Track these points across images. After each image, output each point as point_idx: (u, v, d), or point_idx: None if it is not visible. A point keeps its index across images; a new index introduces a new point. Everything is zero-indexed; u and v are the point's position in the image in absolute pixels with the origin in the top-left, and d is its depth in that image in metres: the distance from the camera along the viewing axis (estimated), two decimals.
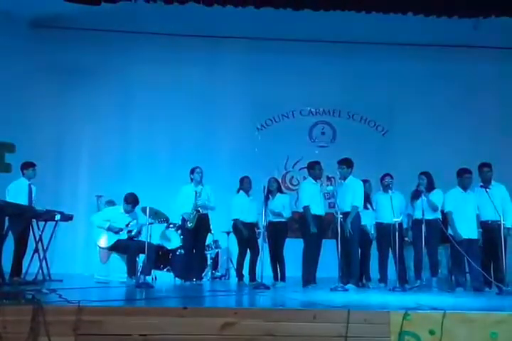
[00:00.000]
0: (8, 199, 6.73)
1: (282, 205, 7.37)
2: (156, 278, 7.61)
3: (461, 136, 9.62)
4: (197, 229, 7.23)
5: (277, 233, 7.23)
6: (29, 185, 7.16)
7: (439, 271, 7.48)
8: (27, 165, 7.20)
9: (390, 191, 7.16)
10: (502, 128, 9.72)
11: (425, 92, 9.85)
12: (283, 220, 7.35)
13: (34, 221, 7.00)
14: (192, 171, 7.38)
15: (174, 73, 9.72)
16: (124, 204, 7.34)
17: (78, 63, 9.50)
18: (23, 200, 6.95)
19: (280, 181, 8.15)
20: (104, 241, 7.29)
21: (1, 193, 6.79)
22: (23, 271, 6.87)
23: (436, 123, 9.79)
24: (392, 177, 7.30)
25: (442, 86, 9.86)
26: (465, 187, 6.84)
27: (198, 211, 7.22)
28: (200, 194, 7.23)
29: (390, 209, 6.86)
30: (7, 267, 6.40)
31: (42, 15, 9.13)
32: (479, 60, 9.69)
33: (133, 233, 7.31)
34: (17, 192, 7.00)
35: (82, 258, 8.97)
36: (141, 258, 7.21)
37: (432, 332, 3.90)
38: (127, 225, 7.32)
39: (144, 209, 7.00)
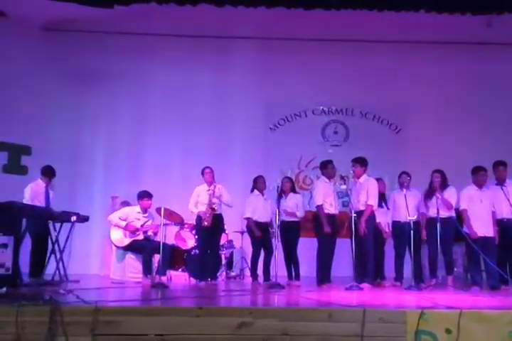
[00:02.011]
0: (25, 201, 6.81)
1: (295, 205, 7.37)
2: (171, 278, 7.65)
3: (475, 134, 9.54)
4: (211, 229, 7.25)
5: (290, 232, 7.23)
6: (46, 187, 7.22)
7: (455, 269, 7.44)
8: (48, 173, 7.24)
9: (404, 189, 7.13)
10: None
11: (438, 90, 9.79)
12: (296, 220, 7.35)
13: (50, 222, 7.07)
14: (202, 172, 7.42)
15: (187, 74, 9.76)
16: (139, 201, 7.41)
17: (92, 66, 9.56)
18: (40, 202, 7.03)
19: (293, 181, 8.15)
20: (120, 240, 7.36)
21: (17, 195, 6.85)
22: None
23: (449, 121, 9.73)
24: (408, 175, 7.27)
25: (455, 83, 9.79)
26: (480, 185, 6.79)
27: (213, 209, 7.23)
28: (212, 192, 7.26)
29: (409, 207, 6.83)
30: (25, 268, 6.47)
31: (56, 18, 9.21)
32: (492, 57, 9.61)
33: (149, 233, 7.38)
34: (34, 194, 7.06)
35: (98, 258, 9.04)
36: (156, 259, 7.26)
37: (448, 331, 3.88)
38: (142, 225, 7.38)
39: (158, 210, 7.05)
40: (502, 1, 7.61)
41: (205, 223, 7.17)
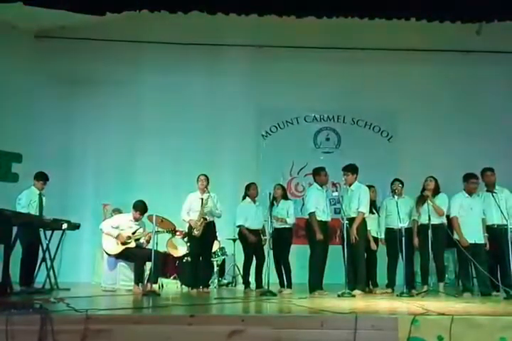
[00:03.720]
0: (19, 209, 6.76)
1: (286, 212, 7.37)
2: (162, 285, 7.62)
3: (466, 141, 9.62)
4: (203, 237, 7.24)
5: (282, 240, 7.21)
6: (39, 194, 7.18)
7: (446, 276, 7.45)
8: (40, 177, 7.20)
9: (395, 196, 7.15)
10: (507, 132, 9.71)
11: (429, 97, 9.87)
12: (287, 227, 7.35)
13: (41, 230, 7.03)
14: (197, 179, 7.41)
15: (178, 81, 9.78)
16: (133, 212, 7.37)
17: (83, 73, 9.58)
18: (33, 210, 6.97)
19: (285, 188, 8.15)
20: (112, 248, 7.31)
21: (7, 203, 6.79)
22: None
23: (440, 128, 9.80)
24: (401, 183, 7.30)
25: (446, 91, 9.88)
26: (470, 192, 6.83)
27: (205, 218, 7.23)
28: (206, 201, 7.25)
29: (401, 214, 6.85)
30: (15, 276, 6.42)
31: (48, 26, 9.22)
32: (482, 65, 9.71)
33: (141, 241, 7.34)
34: (28, 201, 7.01)
35: (89, 266, 8.99)
36: (147, 266, 7.22)
37: (440, 338, 3.88)
38: (133, 233, 7.34)
39: (150, 218, 7.03)
40: (491, 9, 7.68)
41: (196, 232, 7.17)
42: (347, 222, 6.63)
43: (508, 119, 9.75)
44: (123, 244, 7.25)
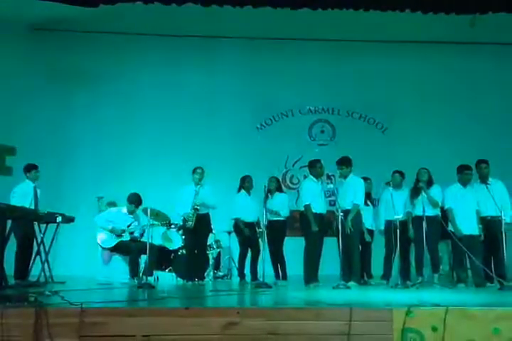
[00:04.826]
0: (13, 202, 6.72)
1: (281, 204, 7.38)
2: (158, 278, 7.62)
3: (460, 132, 9.65)
4: (198, 229, 7.24)
5: (276, 232, 7.24)
6: (34, 187, 7.15)
7: (441, 267, 7.48)
8: (29, 168, 7.18)
9: (395, 188, 7.15)
10: (500, 124, 9.74)
11: (423, 89, 9.88)
12: (281, 219, 7.37)
13: (35, 223, 7.00)
14: (193, 171, 7.40)
15: (173, 74, 9.75)
16: (128, 205, 7.35)
17: (79, 65, 9.55)
18: (28, 203, 6.94)
19: (280, 180, 8.15)
20: (106, 241, 7.31)
21: (2, 196, 6.76)
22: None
23: (435, 120, 9.83)
24: (401, 175, 7.30)
25: (440, 82, 9.90)
26: (464, 184, 6.86)
27: (197, 209, 7.22)
28: (197, 193, 7.23)
29: (396, 206, 6.86)
30: (10, 270, 6.40)
31: (43, 18, 9.16)
32: (476, 56, 9.72)
33: (135, 234, 7.33)
34: (23, 195, 6.98)
35: (84, 259, 8.97)
36: (143, 259, 7.22)
37: (434, 329, 3.89)
38: (128, 226, 7.33)
39: (145, 210, 7.02)
40: (485, 1, 7.69)
41: (189, 223, 7.17)
42: (342, 214, 6.63)
43: (503, 111, 9.78)
44: (118, 236, 7.24)
